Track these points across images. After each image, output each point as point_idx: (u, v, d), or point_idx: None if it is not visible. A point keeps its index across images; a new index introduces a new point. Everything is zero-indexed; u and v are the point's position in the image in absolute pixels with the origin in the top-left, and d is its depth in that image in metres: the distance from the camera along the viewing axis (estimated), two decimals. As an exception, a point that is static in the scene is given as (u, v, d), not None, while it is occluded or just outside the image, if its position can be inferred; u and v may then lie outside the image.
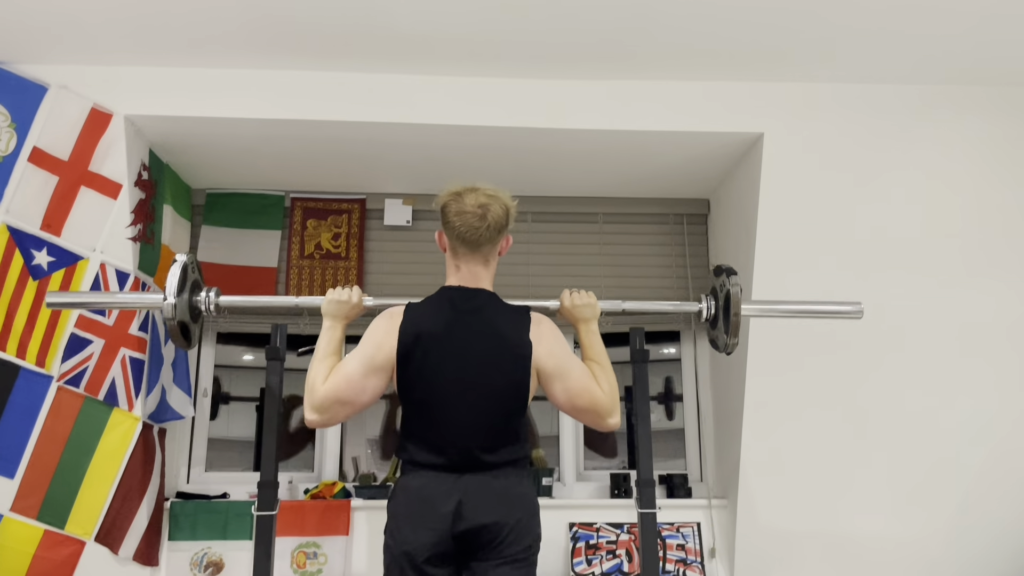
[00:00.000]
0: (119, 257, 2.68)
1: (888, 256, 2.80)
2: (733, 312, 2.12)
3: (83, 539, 2.63)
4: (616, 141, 2.86)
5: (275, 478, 2.36)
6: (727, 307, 2.16)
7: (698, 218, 3.47)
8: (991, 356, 2.82)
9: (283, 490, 3.00)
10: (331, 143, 2.89)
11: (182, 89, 2.69)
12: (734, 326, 2.13)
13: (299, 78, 2.72)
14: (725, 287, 2.20)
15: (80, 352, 2.62)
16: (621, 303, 2.23)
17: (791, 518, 2.91)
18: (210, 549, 2.92)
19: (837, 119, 2.78)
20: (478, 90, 2.75)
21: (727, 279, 2.19)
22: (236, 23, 2.43)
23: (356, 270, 3.26)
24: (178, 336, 2.11)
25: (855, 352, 2.82)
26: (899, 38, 2.50)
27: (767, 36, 2.50)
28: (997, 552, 2.89)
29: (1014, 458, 2.84)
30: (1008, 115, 2.79)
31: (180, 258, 2.12)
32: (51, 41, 2.52)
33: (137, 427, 2.69)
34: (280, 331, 2.54)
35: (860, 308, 2.23)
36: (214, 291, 2.19)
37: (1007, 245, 2.81)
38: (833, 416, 2.86)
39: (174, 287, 2.07)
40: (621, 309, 2.23)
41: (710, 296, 2.29)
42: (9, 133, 2.57)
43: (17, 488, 2.53)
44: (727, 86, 2.79)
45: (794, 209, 2.80)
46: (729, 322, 2.15)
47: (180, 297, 2.08)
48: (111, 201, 2.68)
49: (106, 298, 2.49)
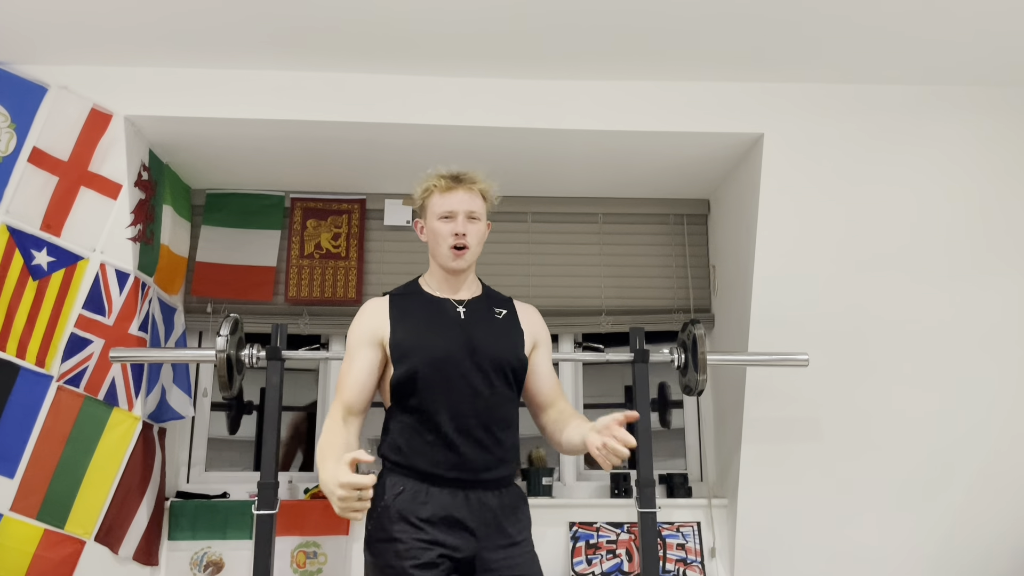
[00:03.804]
0: (119, 257, 2.68)
1: (888, 256, 2.80)
2: (700, 351, 2.54)
3: (83, 538, 2.63)
4: (616, 141, 2.86)
5: (275, 478, 2.36)
6: (695, 354, 2.57)
7: (698, 218, 3.47)
8: (991, 356, 2.82)
9: (283, 490, 3.00)
10: (331, 143, 2.89)
11: (182, 89, 2.69)
12: (701, 363, 2.54)
13: (299, 78, 2.72)
14: (691, 333, 2.61)
15: (80, 352, 2.62)
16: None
17: (791, 518, 2.91)
18: (210, 548, 2.92)
19: (837, 119, 2.78)
20: (478, 90, 2.75)
21: (692, 327, 2.62)
22: (236, 23, 2.43)
23: (356, 270, 3.26)
24: (225, 386, 2.49)
25: (855, 352, 2.82)
26: (899, 39, 2.50)
27: (767, 36, 2.50)
28: (996, 552, 2.89)
29: (1013, 458, 2.85)
30: (1008, 115, 2.79)
31: (232, 316, 2.54)
32: (51, 41, 2.52)
33: (137, 427, 2.69)
34: (280, 331, 2.55)
35: (807, 358, 2.64)
36: (256, 347, 2.57)
37: (1007, 245, 2.81)
38: (833, 416, 2.87)
39: (224, 344, 2.45)
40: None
41: (679, 347, 2.68)
42: (9, 133, 2.57)
43: (17, 488, 2.53)
44: (727, 86, 2.79)
45: (794, 209, 2.80)
46: (697, 364, 2.55)
47: (229, 352, 2.48)
48: (111, 201, 2.68)
49: (164, 353, 2.86)
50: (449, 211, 1.87)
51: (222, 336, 2.45)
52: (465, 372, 1.78)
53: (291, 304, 3.23)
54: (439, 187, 1.90)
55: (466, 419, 1.76)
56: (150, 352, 2.75)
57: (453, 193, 1.89)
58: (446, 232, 1.87)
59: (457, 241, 1.86)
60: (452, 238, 1.86)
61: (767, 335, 2.83)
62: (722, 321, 3.25)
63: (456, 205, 1.87)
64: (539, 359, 1.95)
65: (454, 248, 1.86)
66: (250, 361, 2.54)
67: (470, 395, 1.77)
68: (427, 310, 1.89)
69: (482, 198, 1.93)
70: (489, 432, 1.78)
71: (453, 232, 1.86)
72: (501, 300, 1.99)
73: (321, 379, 3.32)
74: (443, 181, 1.90)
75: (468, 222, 1.87)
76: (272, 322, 2.70)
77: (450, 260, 1.88)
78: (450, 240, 1.86)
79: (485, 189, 1.94)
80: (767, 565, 2.95)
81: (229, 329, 2.47)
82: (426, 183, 1.93)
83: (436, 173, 1.92)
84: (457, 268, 1.90)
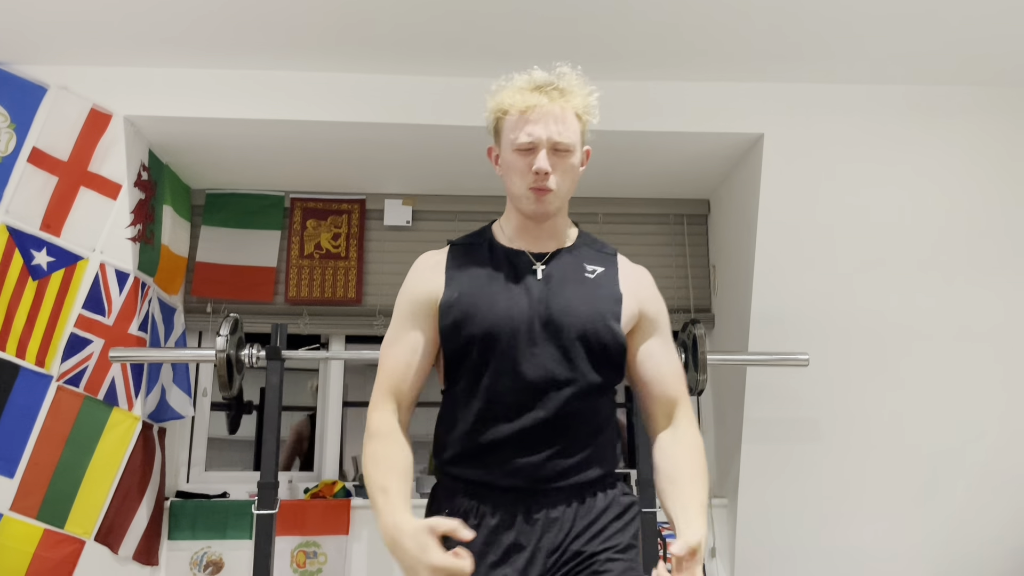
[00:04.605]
0: (119, 257, 2.68)
1: (888, 256, 2.80)
2: (700, 351, 2.54)
3: (83, 538, 2.63)
4: (616, 141, 2.86)
5: (275, 477, 2.36)
6: (695, 354, 2.57)
7: (698, 218, 3.47)
8: (990, 356, 2.82)
9: (283, 489, 3.00)
10: (331, 143, 2.89)
11: (182, 89, 2.69)
12: (701, 363, 2.53)
13: (299, 78, 2.72)
14: (691, 333, 2.60)
15: (80, 352, 2.62)
16: None
17: (791, 517, 2.91)
18: (210, 548, 2.92)
19: (837, 119, 2.78)
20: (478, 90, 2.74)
21: (692, 327, 2.62)
22: (235, 23, 2.43)
23: (356, 270, 3.26)
24: (225, 385, 2.47)
25: (855, 352, 2.82)
26: (899, 39, 2.50)
27: (767, 36, 2.49)
28: (996, 552, 2.89)
29: (1013, 458, 2.84)
30: (1008, 115, 2.79)
31: (232, 316, 2.53)
32: (50, 42, 2.52)
33: (137, 426, 2.69)
34: (280, 331, 2.55)
35: (807, 358, 2.64)
36: (256, 347, 2.54)
37: (1007, 245, 2.81)
38: (833, 416, 2.87)
39: (224, 344, 2.44)
40: None
41: (679, 347, 2.61)
42: (8, 134, 2.57)
43: (17, 487, 2.53)
44: (727, 86, 2.79)
45: (794, 209, 2.80)
46: (697, 363, 2.54)
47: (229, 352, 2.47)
48: (111, 201, 2.68)
49: (164, 353, 2.87)
50: (528, 142, 1.39)
51: (222, 336, 2.45)
52: (534, 348, 1.35)
53: (291, 304, 3.23)
54: (515, 106, 1.41)
55: (532, 412, 1.33)
56: (150, 352, 2.75)
57: (534, 116, 1.40)
58: (522, 168, 1.41)
59: (537, 182, 1.40)
60: (531, 177, 1.40)
61: (767, 335, 2.83)
62: (722, 321, 3.24)
63: (538, 133, 1.39)
64: (644, 336, 1.47)
65: (534, 190, 1.41)
66: (250, 361, 2.53)
67: (540, 379, 1.34)
68: (494, 266, 1.45)
69: (576, 119, 1.44)
70: (562, 431, 1.35)
71: (533, 169, 1.39)
72: (600, 254, 1.53)
73: (321, 379, 3.32)
74: (520, 97, 1.41)
75: (554, 155, 1.40)
76: (272, 322, 2.70)
77: (528, 203, 1.43)
78: (528, 179, 1.40)
79: (581, 107, 1.45)
80: (767, 565, 2.95)
81: (229, 329, 2.47)
82: (498, 99, 1.46)
83: (513, 85, 1.45)
84: (537, 214, 1.44)
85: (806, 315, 2.81)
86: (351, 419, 3.35)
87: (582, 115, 1.45)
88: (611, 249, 1.57)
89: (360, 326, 3.24)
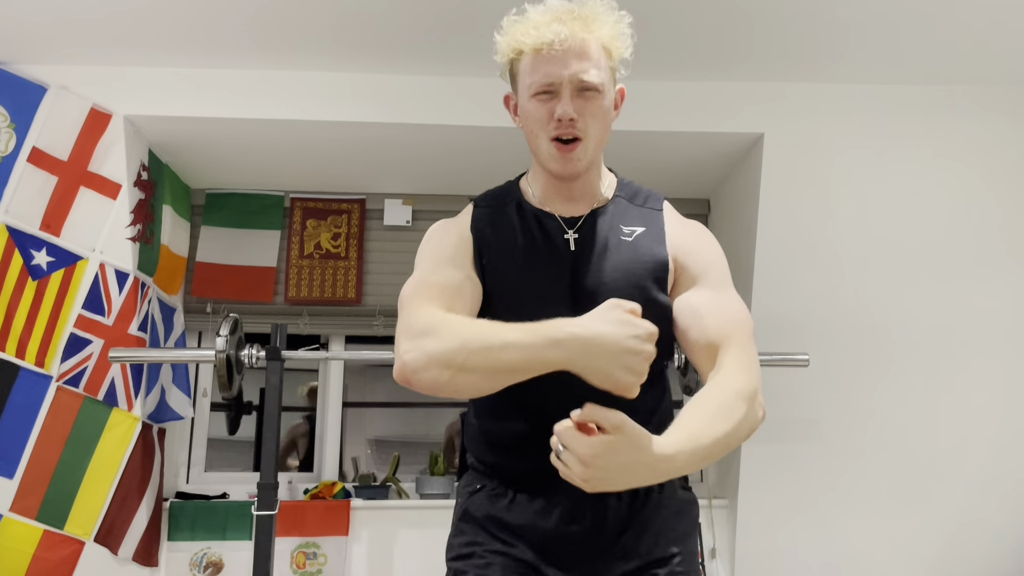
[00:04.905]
0: (118, 257, 2.68)
1: (888, 255, 2.80)
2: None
3: (82, 539, 2.62)
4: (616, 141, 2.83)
5: (275, 478, 2.36)
6: None
7: (698, 218, 3.43)
8: (991, 356, 2.82)
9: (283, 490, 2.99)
10: (331, 143, 2.89)
11: (181, 89, 2.68)
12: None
13: (299, 78, 2.71)
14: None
15: (79, 352, 2.62)
16: None
17: (791, 518, 2.91)
18: (209, 549, 2.92)
19: (837, 119, 2.78)
20: (478, 90, 2.75)
21: None
22: (235, 23, 2.43)
23: (356, 270, 3.26)
24: (225, 386, 2.47)
25: (855, 352, 2.82)
26: (899, 38, 2.50)
27: (767, 36, 2.49)
28: (997, 552, 2.88)
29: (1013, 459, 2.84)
30: (1008, 115, 2.79)
31: (231, 316, 2.52)
32: (50, 41, 2.52)
33: (136, 427, 2.69)
34: (280, 331, 2.55)
35: (807, 358, 2.62)
36: (256, 347, 2.53)
37: (1007, 245, 2.81)
38: (833, 416, 2.86)
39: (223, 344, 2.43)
40: None
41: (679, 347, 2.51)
42: (8, 133, 2.57)
43: (16, 488, 2.53)
44: (727, 86, 2.79)
45: (794, 209, 2.79)
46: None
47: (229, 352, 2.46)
48: (110, 201, 2.68)
49: (164, 354, 2.88)
50: (547, 84, 1.18)
51: (222, 336, 2.44)
52: None
53: (291, 304, 3.23)
54: (528, 43, 1.18)
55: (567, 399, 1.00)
56: (149, 352, 2.75)
57: (552, 53, 1.16)
58: (543, 116, 1.19)
59: (561, 131, 1.19)
60: (553, 125, 1.18)
61: (767, 335, 2.82)
62: (722, 321, 3.24)
63: (558, 72, 1.16)
64: (681, 291, 1.23)
65: (557, 141, 1.20)
66: (250, 361, 2.53)
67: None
68: (524, 234, 1.26)
69: (604, 52, 1.21)
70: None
71: (555, 116, 1.18)
72: (642, 209, 1.31)
73: (321, 379, 3.32)
74: (536, 31, 1.17)
75: (580, 98, 1.18)
76: (272, 322, 2.70)
77: (554, 161, 1.22)
78: (550, 128, 1.19)
79: (609, 36, 1.21)
80: (767, 565, 2.95)
81: (229, 329, 2.47)
82: (510, 35, 1.22)
83: (526, 18, 1.20)
84: (565, 173, 1.24)
85: (806, 315, 2.81)
86: (351, 420, 3.35)
87: (611, 47, 1.20)
88: (656, 200, 1.33)
89: (360, 326, 3.23)
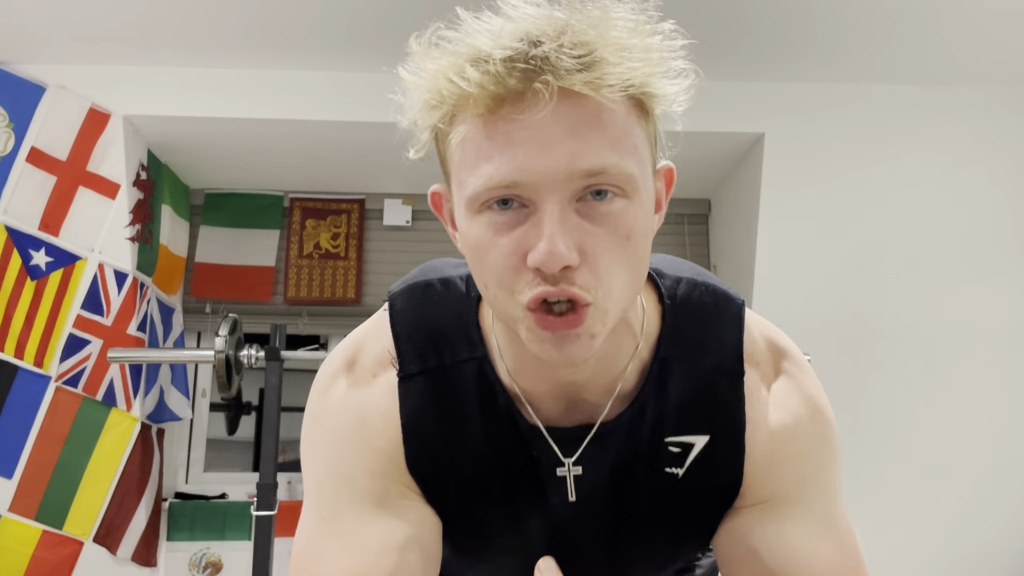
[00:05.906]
0: (117, 257, 2.68)
1: (888, 256, 2.80)
2: None
3: (81, 539, 2.62)
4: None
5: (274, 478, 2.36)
6: None
7: (698, 218, 3.46)
8: (991, 357, 2.82)
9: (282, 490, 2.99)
10: (330, 143, 2.88)
11: (181, 89, 2.68)
12: None
13: (298, 78, 2.71)
14: None
15: (78, 352, 2.62)
16: None
17: (791, 519, 2.91)
18: (209, 549, 2.91)
19: (837, 119, 2.77)
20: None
21: None
22: (235, 23, 2.42)
23: (355, 270, 3.26)
24: (224, 386, 2.46)
25: (855, 352, 2.81)
26: (899, 38, 2.50)
27: (768, 36, 2.49)
28: (997, 553, 2.88)
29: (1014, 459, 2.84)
30: (1009, 115, 2.79)
31: (231, 316, 2.50)
32: (49, 41, 2.51)
33: (135, 427, 2.68)
34: (279, 331, 2.54)
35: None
36: (255, 347, 2.51)
37: (1006, 246, 2.81)
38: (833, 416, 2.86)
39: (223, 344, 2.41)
40: None
41: None
42: (7, 133, 2.56)
43: (15, 488, 2.53)
44: (727, 86, 2.79)
45: (794, 209, 2.79)
46: None
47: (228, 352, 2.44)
48: (109, 201, 2.67)
49: (163, 354, 2.87)
50: (511, 184, 0.64)
51: (221, 336, 2.44)
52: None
53: (290, 304, 3.22)
54: (472, 91, 0.65)
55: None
56: (148, 352, 2.74)
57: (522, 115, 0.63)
58: (505, 257, 0.65)
59: (546, 289, 0.63)
60: (528, 280, 0.64)
61: (767, 335, 2.83)
62: (722, 321, 3.24)
63: (534, 161, 0.63)
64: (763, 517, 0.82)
65: (540, 312, 0.64)
66: (249, 362, 2.52)
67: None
68: (487, 445, 0.77)
69: (634, 109, 0.72)
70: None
71: (530, 262, 0.63)
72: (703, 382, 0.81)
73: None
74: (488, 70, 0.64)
75: (583, 212, 0.65)
76: (271, 322, 2.70)
77: (536, 343, 0.66)
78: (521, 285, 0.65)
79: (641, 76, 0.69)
80: (767, 566, 2.94)
81: (228, 329, 2.46)
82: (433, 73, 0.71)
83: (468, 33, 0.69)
84: (560, 364, 0.67)
85: (806, 315, 2.81)
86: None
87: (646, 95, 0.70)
88: (733, 350, 0.81)
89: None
